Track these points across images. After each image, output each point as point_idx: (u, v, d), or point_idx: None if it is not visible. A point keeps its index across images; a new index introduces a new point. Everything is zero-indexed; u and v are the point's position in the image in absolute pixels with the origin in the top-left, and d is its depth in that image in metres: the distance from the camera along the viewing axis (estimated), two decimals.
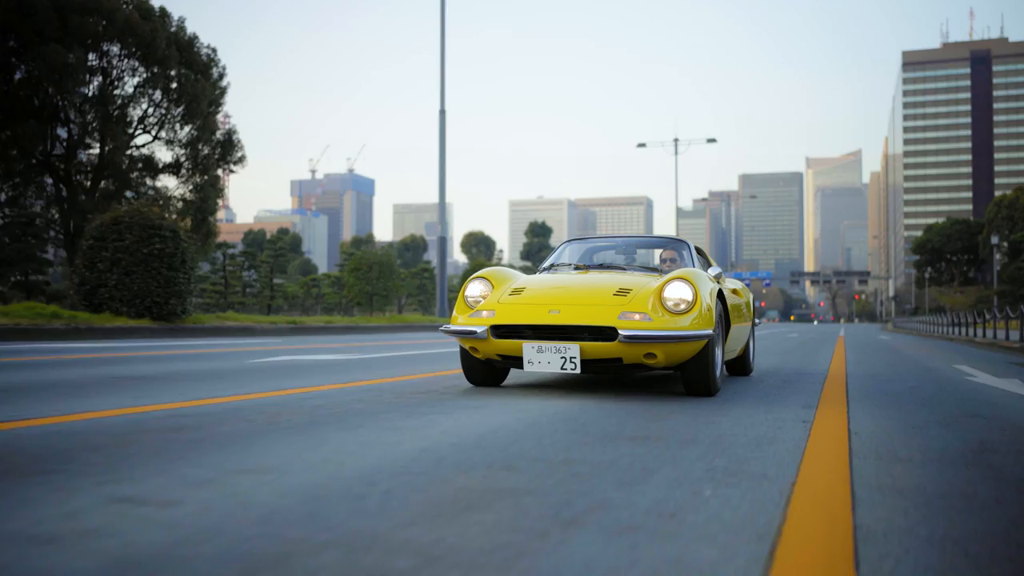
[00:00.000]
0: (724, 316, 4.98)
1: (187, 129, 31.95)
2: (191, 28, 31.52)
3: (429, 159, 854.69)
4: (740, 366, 6.29)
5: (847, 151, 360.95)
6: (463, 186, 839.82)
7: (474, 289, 4.89)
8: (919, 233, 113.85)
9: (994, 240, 49.45)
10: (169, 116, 31.38)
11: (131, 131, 31.31)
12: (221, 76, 32.71)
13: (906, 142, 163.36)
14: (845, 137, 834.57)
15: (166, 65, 30.11)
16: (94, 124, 30.72)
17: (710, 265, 5.91)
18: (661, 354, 4.15)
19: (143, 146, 31.91)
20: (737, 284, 6.42)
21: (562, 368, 4.21)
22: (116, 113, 30.60)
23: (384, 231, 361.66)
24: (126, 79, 30.50)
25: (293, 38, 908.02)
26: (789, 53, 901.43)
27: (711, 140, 40.55)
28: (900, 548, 1.59)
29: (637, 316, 4.18)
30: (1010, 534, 1.72)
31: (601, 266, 5.58)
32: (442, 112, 17.20)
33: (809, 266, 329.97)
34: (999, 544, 1.64)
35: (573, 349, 4.17)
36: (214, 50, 32.55)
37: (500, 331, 4.41)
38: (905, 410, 4.08)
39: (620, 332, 4.09)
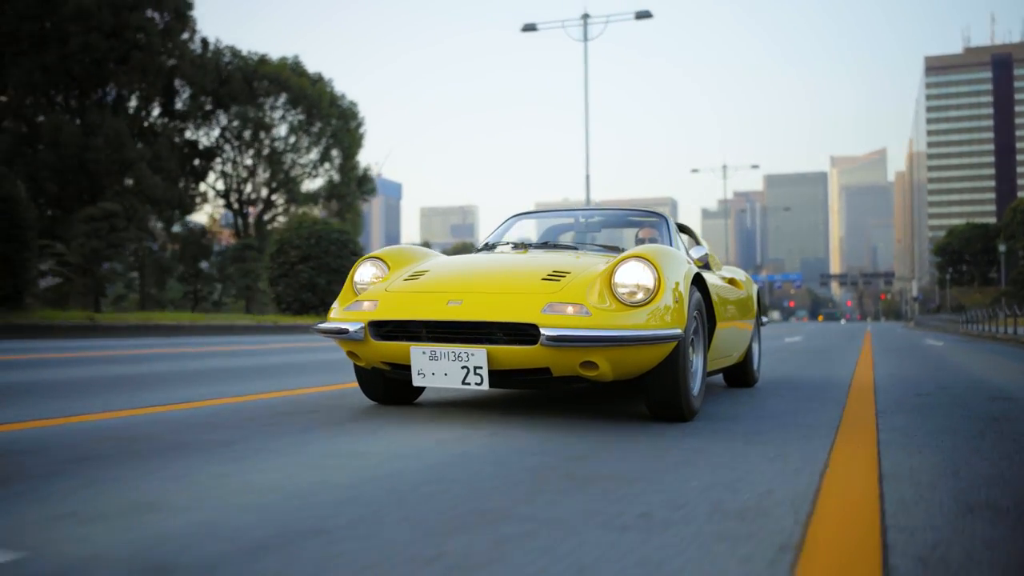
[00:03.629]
0: (707, 311, 3.80)
1: (335, 167, 39.90)
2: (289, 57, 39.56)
3: (454, 162, 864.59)
4: (741, 374, 5.17)
5: (872, 149, 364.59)
6: (488, 188, 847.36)
7: (364, 273, 3.74)
8: (943, 234, 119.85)
9: (1001, 248, 56.44)
10: (323, 158, 39.39)
11: (292, 171, 39.30)
12: (359, 125, 40.57)
13: (930, 145, 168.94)
14: (870, 135, 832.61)
15: (326, 120, 38.12)
16: (261, 166, 38.73)
17: (698, 245, 4.92)
18: (605, 363, 3.00)
19: (300, 182, 39.90)
20: (739, 274, 5.43)
21: (464, 382, 3.07)
22: (283, 157, 38.59)
23: (412, 234, 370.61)
24: (292, 129, 38.50)
25: (316, 39, 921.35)
26: (814, 53, 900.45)
27: (755, 166, 47.79)
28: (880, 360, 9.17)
29: (570, 309, 3.03)
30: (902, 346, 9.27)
31: (547, 244, 4.32)
32: (587, 177, 24.39)
33: (835, 265, 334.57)
34: (902, 345, 9.20)
35: (478, 355, 3.04)
36: (355, 104, 40.52)
37: (382, 329, 3.25)
38: (894, 349, 11.61)
39: (542, 331, 2.94)
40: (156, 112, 35.90)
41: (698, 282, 3.59)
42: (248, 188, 39.72)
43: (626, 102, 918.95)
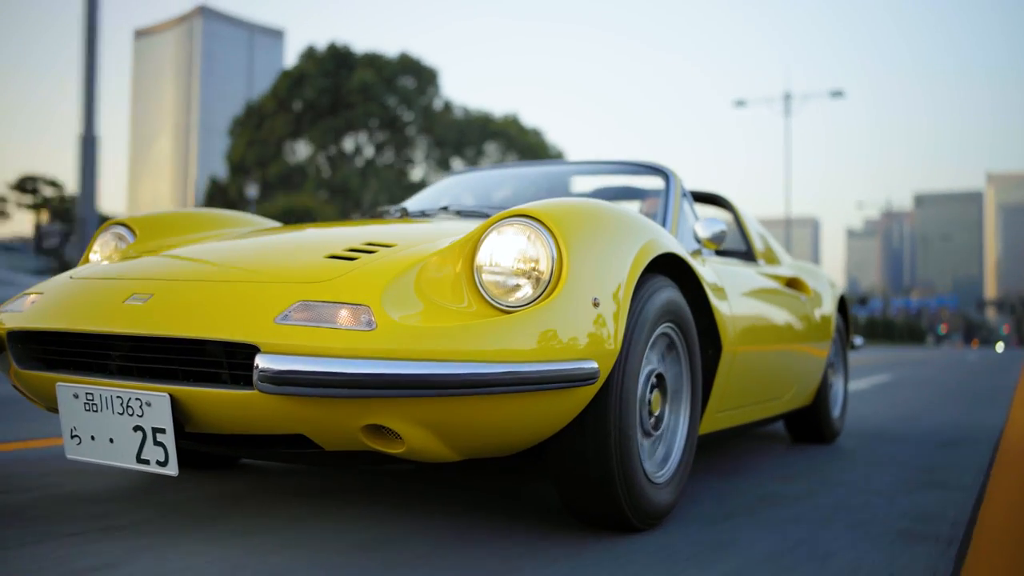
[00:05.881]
0: (699, 324, 2.14)
1: None
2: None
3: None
4: (811, 424, 3.46)
5: None
6: None
7: (102, 248, 2.34)
8: None
9: None
10: None
11: None
12: None
13: None
14: None
15: None
16: None
17: (740, 230, 3.25)
18: (417, 430, 1.48)
19: None
20: (810, 274, 3.54)
21: (139, 458, 1.57)
22: None
23: None
24: None
25: (534, 93, 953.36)
26: (970, 66, 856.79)
27: (918, 199, 51.90)
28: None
29: (343, 315, 1.47)
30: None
31: (446, 209, 2.55)
32: (788, 220, 30.03)
33: (990, 287, 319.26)
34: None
35: (157, 407, 1.53)
36: (563, 153, 47.89)
37: (25, 346, 1.81)
38: None
39: (259, 361, 1.41)
40: (388, 155, 44.36)
41: (671, 270, 1.94)
42: None
43: (769, 107, 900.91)
